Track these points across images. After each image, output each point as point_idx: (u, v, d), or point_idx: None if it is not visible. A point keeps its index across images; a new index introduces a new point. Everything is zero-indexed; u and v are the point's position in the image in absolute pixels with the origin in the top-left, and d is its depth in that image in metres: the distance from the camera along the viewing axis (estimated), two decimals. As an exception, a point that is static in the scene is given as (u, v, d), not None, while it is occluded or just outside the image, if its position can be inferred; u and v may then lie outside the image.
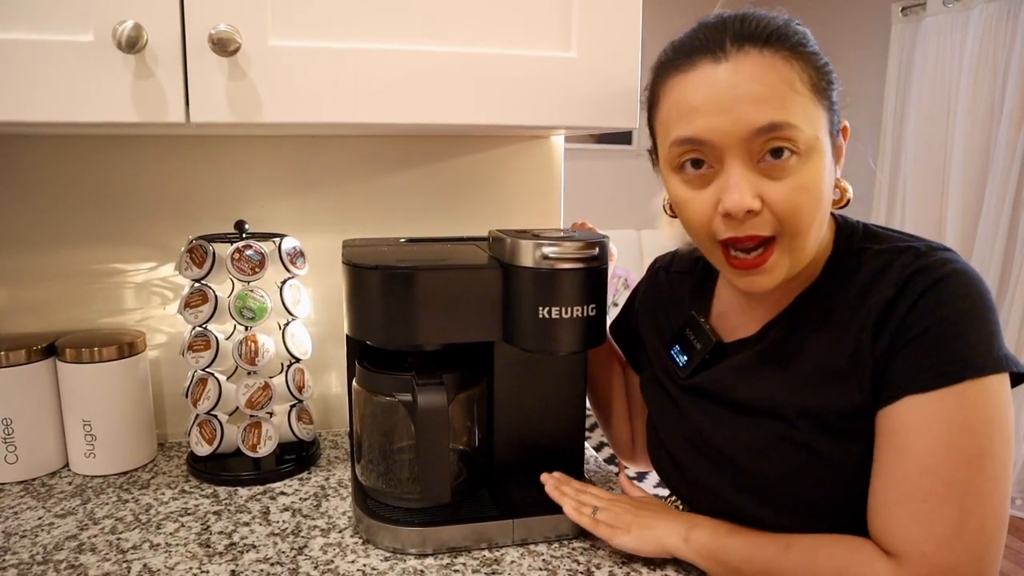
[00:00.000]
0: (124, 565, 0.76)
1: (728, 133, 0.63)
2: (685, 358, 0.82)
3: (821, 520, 0.68)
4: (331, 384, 1.14)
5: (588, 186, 5.02)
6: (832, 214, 0.75)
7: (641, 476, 3.29)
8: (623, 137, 5.01)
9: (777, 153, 0.64)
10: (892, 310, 0.65)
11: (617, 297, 3.42)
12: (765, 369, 0.73)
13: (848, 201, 0.71)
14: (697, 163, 0.67)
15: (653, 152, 0.76)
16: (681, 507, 0.96)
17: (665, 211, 0.81)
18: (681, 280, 0.89)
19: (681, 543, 0.74)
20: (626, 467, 1.04)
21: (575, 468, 0.91)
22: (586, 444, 0.94)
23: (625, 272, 3.24)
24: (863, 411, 0.66)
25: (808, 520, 0.68)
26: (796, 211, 0.65)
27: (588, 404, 1.02)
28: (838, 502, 0.68)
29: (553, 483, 0.83)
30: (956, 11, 3.27)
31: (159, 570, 0.75)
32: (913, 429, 0.62)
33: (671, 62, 0.69)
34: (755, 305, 0.77)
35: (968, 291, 0.63)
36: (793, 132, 0.63)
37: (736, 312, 0.80)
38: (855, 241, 0.72)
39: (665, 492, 0.96)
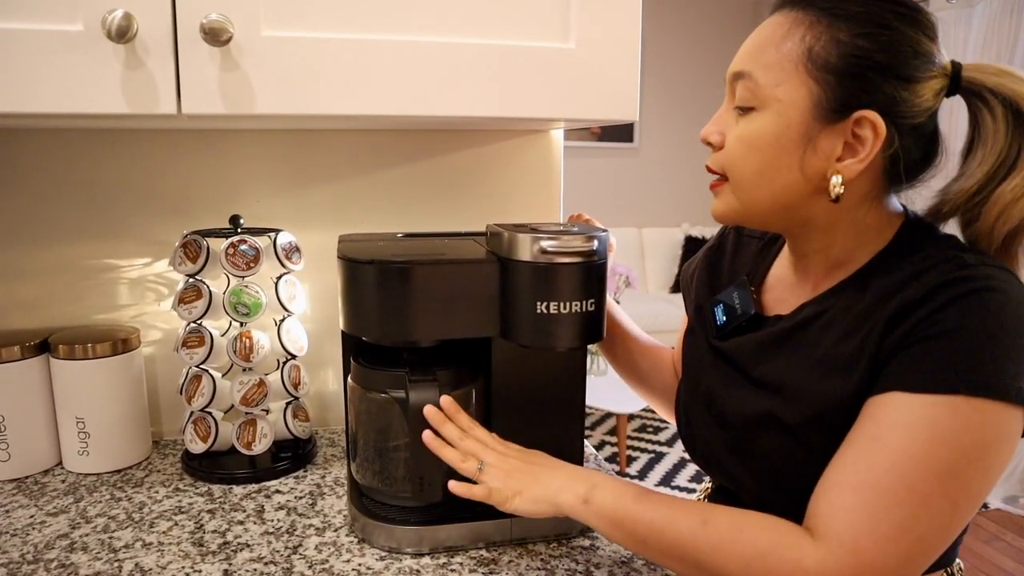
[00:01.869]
0: (115, 564, 0.74)
1: (728, 74, 0.72)
2: (724, 318, 0.80)
3: (802, 504, 0.65)
4: (328, 381, 1.13)
5: (590, 184, 5.01)
6: (906, 209, 0.72)
7: (644, 474, 3.28)
8: (625, 135, 5.00)
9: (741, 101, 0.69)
10: (912, 310, 0.62)
11: (618, 295, 3.40)
12: (783, 348, 0.72)
13: (837, 197, 0.66)
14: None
15: None
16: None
17: None
18: (748, 244, 0.89)
19: (579, 504, 0.67)
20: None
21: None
22: (586, 443, 0.92)
23: (627, 270, 3.22)
24: (857, 404, 0.63)
25: (790, 500, 0.66)
26: (730, 158, 0.70)
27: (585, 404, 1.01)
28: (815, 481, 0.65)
29: (438, 419, 0.74)
30: (959, 7, 3.25)
31: (151, 569, 0.74)
32: (894, 425, 0.59)
33: None
34: (801, 282, 0.76)
35: (1002, 310, 0.59)
36: (750, 83, 0.68)
37: (783, 287, 0.79)
38: (915, 242, 0.69)
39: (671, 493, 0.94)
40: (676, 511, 0.65)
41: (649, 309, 4.56)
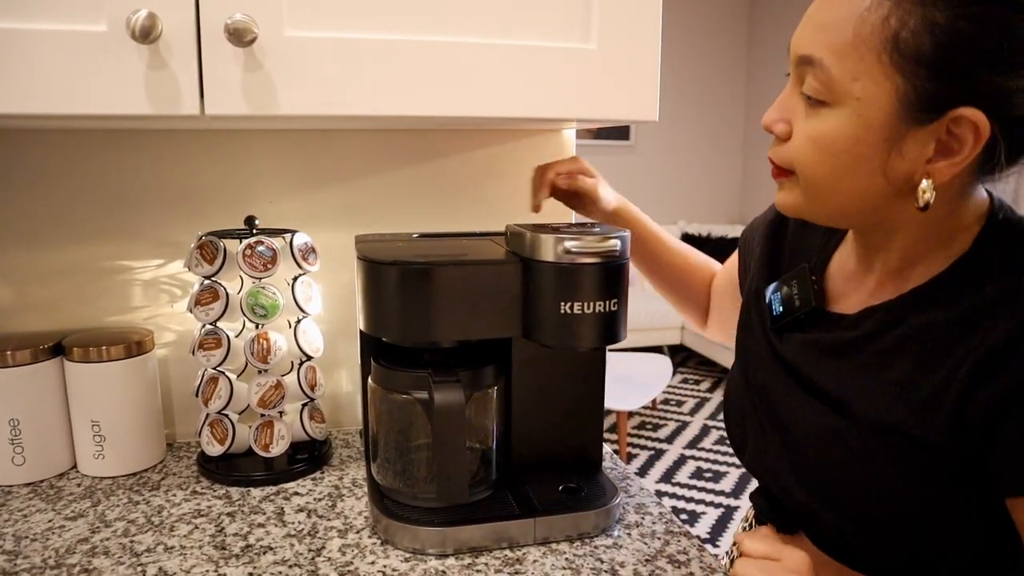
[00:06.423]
0: (139, 568, 0.74)
1: (791, 50, 0.62)
2: (781, 309, 0.73)
3: (872, 529, 0.64)
4: (342, 382, 1.13)
5: (586, 182, 5.00)
6: (991, 198, 0.64)
7: (644, 472, 3.28)
8: (621, 133, 5.00)
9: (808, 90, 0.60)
10: (1004, 357, 0.55)
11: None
12: (847, 360, 0.66)
13: (926, 204, 0.58)
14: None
15: None
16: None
17: None
18: (813, 226, 0.78)
19: None
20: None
21: (593, 467, 0.90)
22: (604, 444, 0.93)
23: (626, 268, 3.22)
24: (935, 447, 0.59)
25: (839, 517, 0.65)
26: (799, 157, 0.61)
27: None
28: (894, 520, 0.63)
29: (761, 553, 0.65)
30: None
31: (175, 573, 0.73)
32: None
33: None
34: (866, 276, 0.69)
35: None
36: (820, 73, 0.57)
37: (846, 279, 0.72)
38: (1001, 247, 0.61)
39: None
40: None
41: (647, 307, 4.56)
